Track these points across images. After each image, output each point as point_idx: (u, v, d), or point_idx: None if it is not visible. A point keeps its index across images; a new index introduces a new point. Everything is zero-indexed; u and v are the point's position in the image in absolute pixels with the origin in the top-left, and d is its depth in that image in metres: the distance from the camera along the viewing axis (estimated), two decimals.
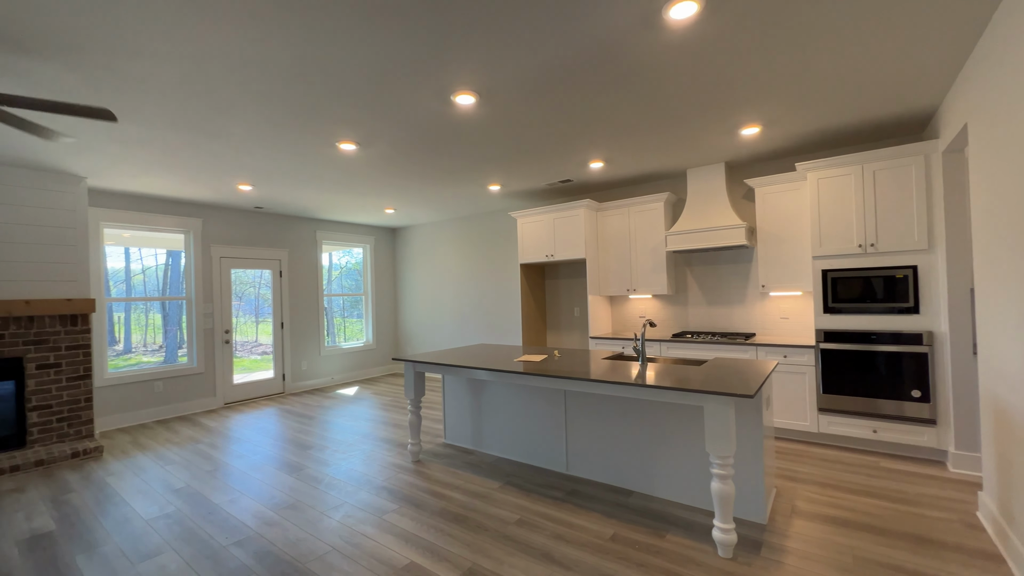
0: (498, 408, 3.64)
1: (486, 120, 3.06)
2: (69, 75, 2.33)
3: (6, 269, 3.81)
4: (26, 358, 3.87)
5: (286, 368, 6.26)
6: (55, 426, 3.99)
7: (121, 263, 6.82)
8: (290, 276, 6.37)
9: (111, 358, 4.99)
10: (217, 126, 3.05)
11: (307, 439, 4.18)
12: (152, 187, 4.58)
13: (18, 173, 3.88)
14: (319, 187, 4.76)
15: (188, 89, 2.52)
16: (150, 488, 3.18)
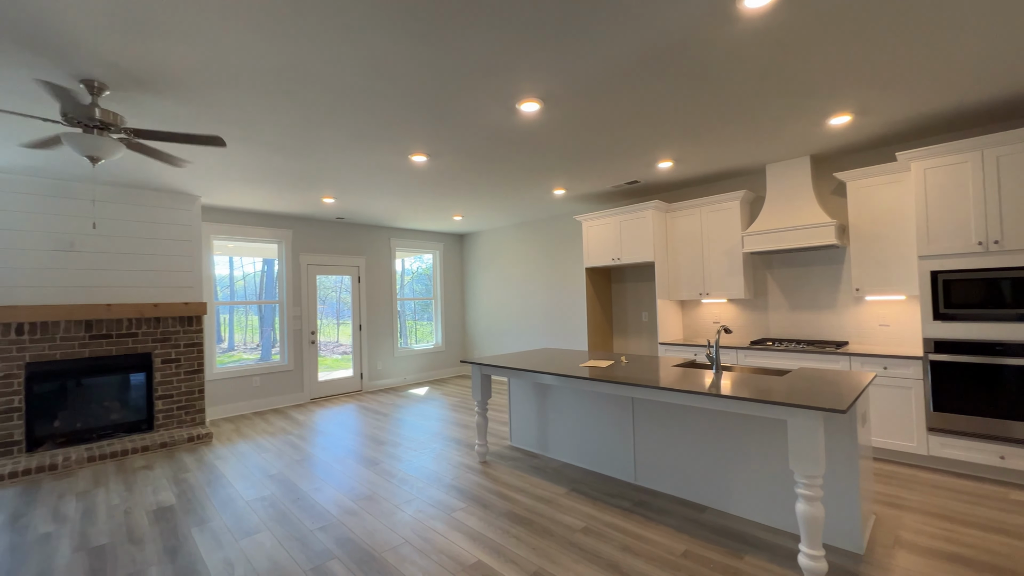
0: (563, 413, 3.62)
1: (550, 125, 3.08)
2: (182, 108, 2.69)
3: (139, 277, 4.45)
4: (154, 353, 4.48)
5: (363, 367, 6.69)
6: (175, 413, 4.58)
7: (226, 270, 7.67)
8: (367, 281, 6.80)
9: (218, 355, 5.63)
10: (305, 145, 3.35)
11: (382, 435, 4.43)
12: (251, 202, 5.13)
13: (147, 195, 4.53)
14: (393, 197, 5.05)
15: (280, 115, 2.80)
16: (249, 472, 3.55)
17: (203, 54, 2.12)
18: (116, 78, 2.30)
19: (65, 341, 4.04)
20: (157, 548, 2.47)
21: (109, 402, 4.37)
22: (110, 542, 2.55)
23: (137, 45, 2.03)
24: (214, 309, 5.44)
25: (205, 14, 1.84)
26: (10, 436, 3.80)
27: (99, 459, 3.88)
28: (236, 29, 1.95)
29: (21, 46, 2.02)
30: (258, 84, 2.41)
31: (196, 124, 2.90)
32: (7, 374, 3.80)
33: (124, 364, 4.36)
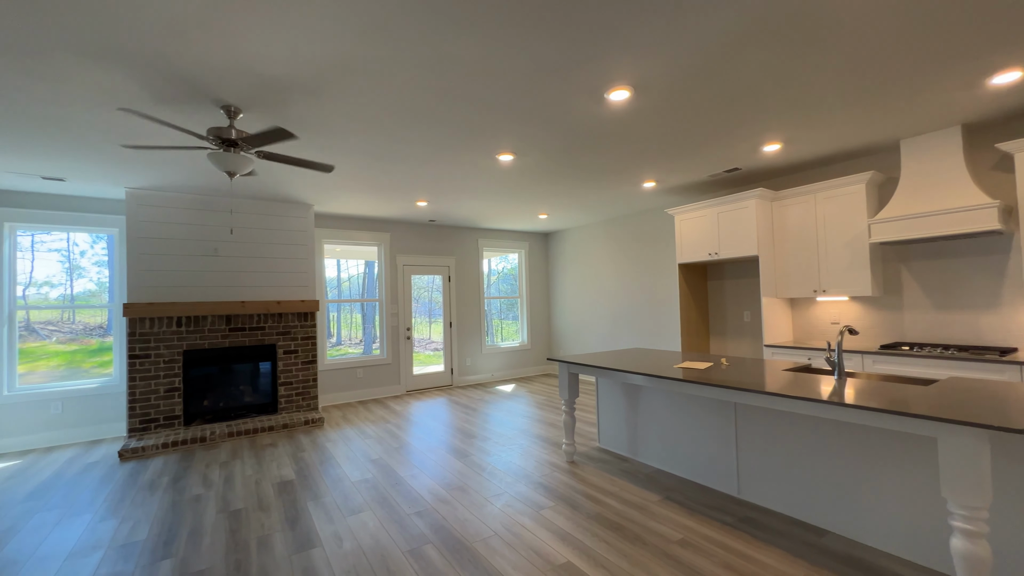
0: (656, 417, 3.44)
1: (641, 114, 2.94)
2: (300, 131, 3.00)
3: (265, 277, 5.08)
4: (277, 345, 5.09)
5: (453, 363, 6.97)
6: (294, 399, 5.15)
7: (334, 272, 8.44)
8: (456, 281, 7.08)
9: (328, 348, 6.23)
10: (400, 151, 3.56)
11: (472, 429, 4.57)
12: (354, 208, 5.59)
13: (271, 205, 5.14)
14: (480, 198, 5.19)
15: (379, 125, 3.00)
16: (355, 456, 3.86)
17: (318, 93, 2.34)
18: (248, 103, 2.63)
19: (211, 333, 4.74)
20: (280, 516, 2.78)
21: (244, 386, 5.05)
22: (244, 507, 2.93)
23: (264, 84, 2.31)
24: (325, 306, 6.02)
25: (321, 67, 2.03)
26: (173, 411, 4.55)
27: (236, 435, 4.50)
28: (341, 52, 2.12)
29: (178, 82, 2.39)
30: (361, 102, 2.61)
31: (309, 138, 3.22)
32: (171, 359, 4.56)
33: (255, 353, 5.00)
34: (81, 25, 1.90)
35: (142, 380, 4.42)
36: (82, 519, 2.83)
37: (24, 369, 4.54)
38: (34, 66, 2.20)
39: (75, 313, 4.88)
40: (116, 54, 2.11)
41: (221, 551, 2.41)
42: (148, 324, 4.46)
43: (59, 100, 2.54)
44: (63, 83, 2.36)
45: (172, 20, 1.88)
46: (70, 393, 4.57)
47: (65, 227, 4.66)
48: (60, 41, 2.01)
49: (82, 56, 2.12)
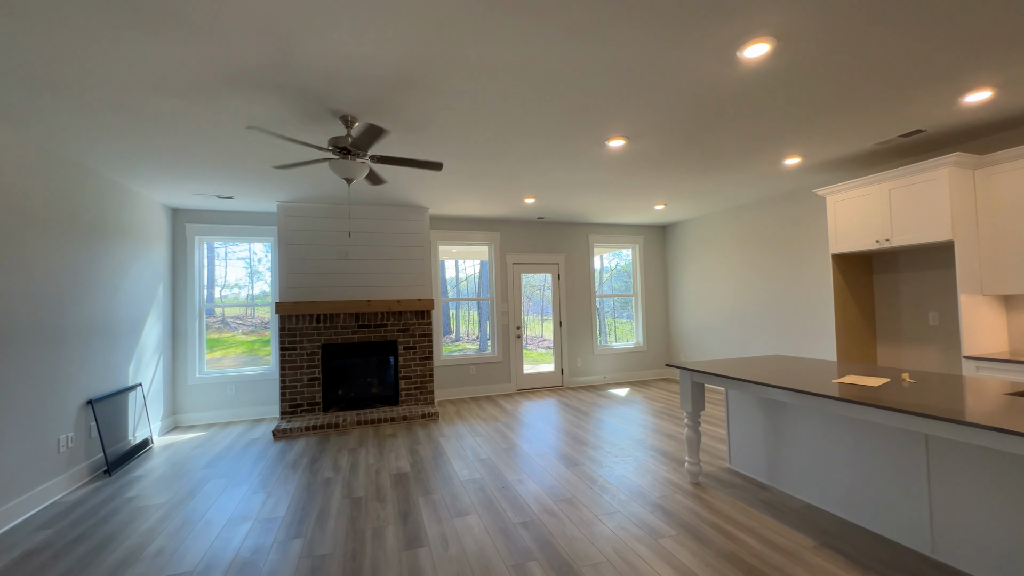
0: (807, 440, 2.83)
1: (785, 71, 2.41)
2: (411, 134, 3.06)
3: (387, 278, 5.45)
4: (398, 341, 5.42)
5: (564, 364, 6.79)
6: (413, 392, 5.44)
7: (453, 272, 8.80)
8: (566, 279, 6.88)
9: (448, 344, 6.51)
10: (507, 147, 3.47)
11: (582, 435, 4.33)
12: (466, 209, 5.72)
13: (391, 210, 5.50)
14: (590, 190, 4.91)
15: (485, 121, 2.93)
16: (465, 454, 3.90)
17: (429, 95, 2.33)
18: (363, 110, 2.75)
19: (344, 329, 5.23)
20: (394, 510, 2.87)
21: (371, 378, 5.48)
22: (364, 495, 3.10)
23: (382, 94, 2.37)
24: (440, 305, 6.28)
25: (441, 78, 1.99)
26: (314, 398, 5.11)
27: (364, 423, 4.88)
28: (454, 56, 2.06)
29: (308, 96, 2.57)
30: (469, 98, 2.55)
31: (419, 142, 3.30)
32: (312, 352, 5.13)
33: (379, 349, 5.40)
34: (222, 57, 2.11)
35: (290, 370, 5.04)
36: (240, 490, 3.26)
37: (220, 354, 5.53)
38: (196, 97, 2.54)
39: (255, 310, 5.80)
40: (251, 81, 2.33)
41: (341, 537, 2.54)
42: (294, 321, 5.07)
43: (218, 129, 2.93)
44: (218, 112, 2.70)
45: (288, 33, 1.99)
46: (241, 378, 5.42)
47: (237, 238, 5.53)
48: (218, 74, 2.27)
49: (224, 85, 2.38)
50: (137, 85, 2.38)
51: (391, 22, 1.91)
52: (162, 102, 2.57)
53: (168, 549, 2.48)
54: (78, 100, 2.53)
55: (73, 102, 2.55)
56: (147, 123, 2.85)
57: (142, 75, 2.28)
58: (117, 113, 2.70)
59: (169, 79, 2.33)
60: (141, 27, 1.90)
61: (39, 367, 3.08)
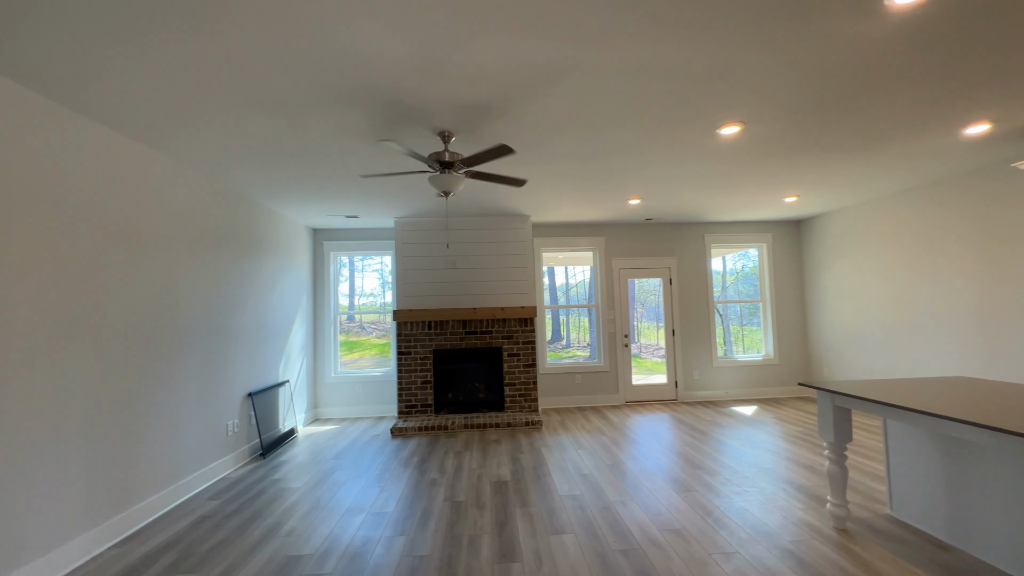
0: (1011, 492, 2.15)
1: (956, 10, 1.88)
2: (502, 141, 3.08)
3: (490, 286, 5.59)
4: (503, 348, 5.52)
5: (678, 375, 6.25)
6: (517, 399, 5.48)
7: (563, 278, 8.72)
8: (679, 283, 6.35)
9: (557, 351, 6.46)
10: (606, 147, 3.30)
11: (697, 457, 3.91)
12: (568, 215, 5.62)
13: (495, 219, 5.63)
14: (702, 186, 4.46)
15: (581, 122, 2.81)
16: (566, 467, 3.77)
17: (522, 104, 2.32)
18: (459, 126, 2.84)
19: (452, 335, 5.49)
20: (491, 518, 2.87)
21: (478, 383, 5.66)
22: (465, 500, 3.16)
23: (477, 118, 2.42)
24: (543, 312, 6.25)
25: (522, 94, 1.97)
26: (426, 400, 5.44)
27: (470, 427, 5.05)
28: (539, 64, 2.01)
29: (404, 117, 2.74)
30: (564, 102, 2.48)
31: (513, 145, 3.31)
32: (424, 356, 5.47)
33: (485, 355, 5.55)
34: (336, 83, 2.34)
35: (406, 372, 5.44)
36: (359, 482, 3.57)
37: (358, 355, 6.26)
38: (304, 121, 2.86)
39: (386, 316, 6.46)
40: (361, 101, 2.55)
41: (440, 541, 2.61)
42: (409, 327, 5.47)
43: (340, 158, 3.28)
44: (326, 131, 3.02)
45: (397, 62, 2.12)
46: (367, 379, 6.00)
47: (365, 252, 6.18)
48: (342, 97, 2.53)
49: (327, 108, 2.64)
50: (278, 129, 2.76)
51: (495, 40, 1.92)
52: (293, 136, 2.95)
53: (298, 531, 2.79)
54: (240, 144, 3.03)
55: (237, 146, 3.06)
56: (285, 158, 3.30)
57: (280, 122, 2.64)
58: (265, 154, 3.17)
59: (297, 116, 2.65)
60: (284, 79, 2.19)
61: (212, 364, 3.75)
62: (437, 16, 1.79)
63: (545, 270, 7.85)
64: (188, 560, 2.48)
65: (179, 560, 2.48)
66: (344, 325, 6.60)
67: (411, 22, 1.82)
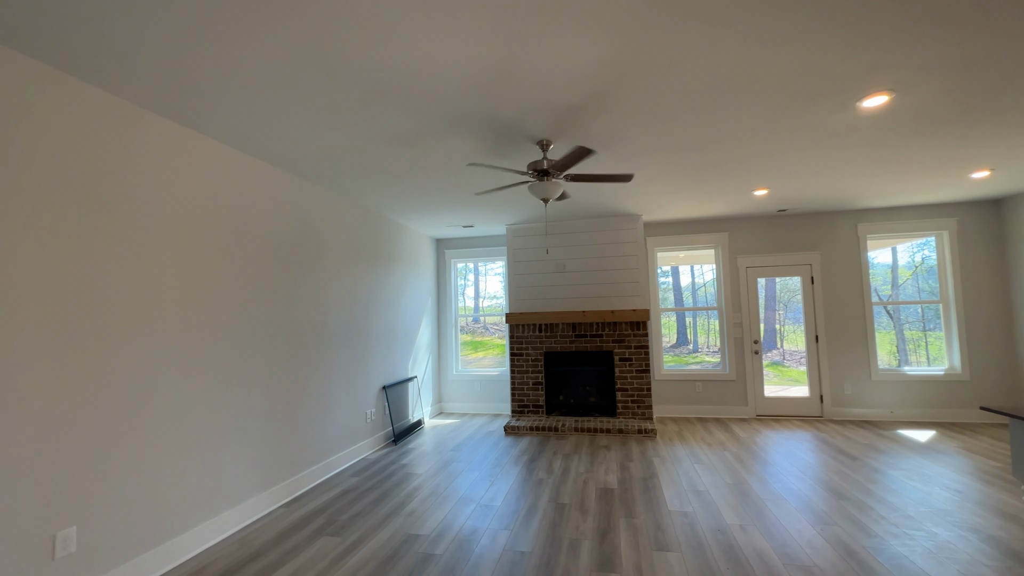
0: None
1: None
2: (601, 146, 3.03)
3: (599, 288, 5.50)
4: (614, 352, 5.39)
5: (823, 388, 5.40)
6: (630, 406, 5.30)
7: (689, 278, 8.18)
8: (824, 282, 5.49)
9: (683, 355, 6.08)
10: (721, 132, 3.05)
11: (844, 487, 3.35)
12: (683, 211, 5.27)
13: (603, 220, 5.53)
14: (848, 171, 3.81)
15: (690, 109, 2.65)
16: (679, 480, 3.54)
17: (621, 98, 2.31)
18: (557, 132, 2.89)
19: (562, 338, 5.54)
20: (594, 525, 2.85)
21: (589, 387, 5.62)
22: (569, 503, 3.18)
23: (572, 121, 2.47)
24: (658, 315, 5.94)
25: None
26: (538, 401, 5.57)
27: (580, 431, 5.03)
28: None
29: (504, 131, 2.89)
30: (670, 90, 2.38)
31: (614, 150, 3.23)
32: (536, 358, 5.61)
33: (595, 359, 5.48)
34: (443, 113, 2.58)
35: (518, 373, 5.64)
36: (472, 474, 3.82)
37: (482, 354, 6.73)
38: (420, 148, 3.17)
39: (504, 318, 6.83)
40: (463, 125, 2.76)
41: (541, 540, 2.68)
42: (521, 329, 5.66)
43: (452, 175, 3.58)
44: (446, 158, 3.30)
45: (481, 75, 2.27)
46: (484, 377, 6.38)
47: (481, 259, 6.59)
48: (441, 123, 2.80)
49: (437, 135, 2.89)
50: (401, 157, 3.14)
51: (591, 40, 1.95)
52: (412, 161, 3.31)
53: (418, 512, 3.11)
54: (373, 172, 3.51)
55: (371, 174, 3.55)
56: (408, 180, 3.71)
57: (403, 151, 3.00)
58: (392, 178, 3.62)
59: (413, 144, 2.98)
60: (393, 111, 2.50)
61: (353, 360, 4.36)
62: (518, 24, 1.86)
63: (668, 270, 7.37)
64: (332, 525, 2.94)
65: (325, 524, 2.96)
66: (470, 326, 7.09)
67: (494, 31, 1.93)
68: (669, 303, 6.62)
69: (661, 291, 6.45)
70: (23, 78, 1.97)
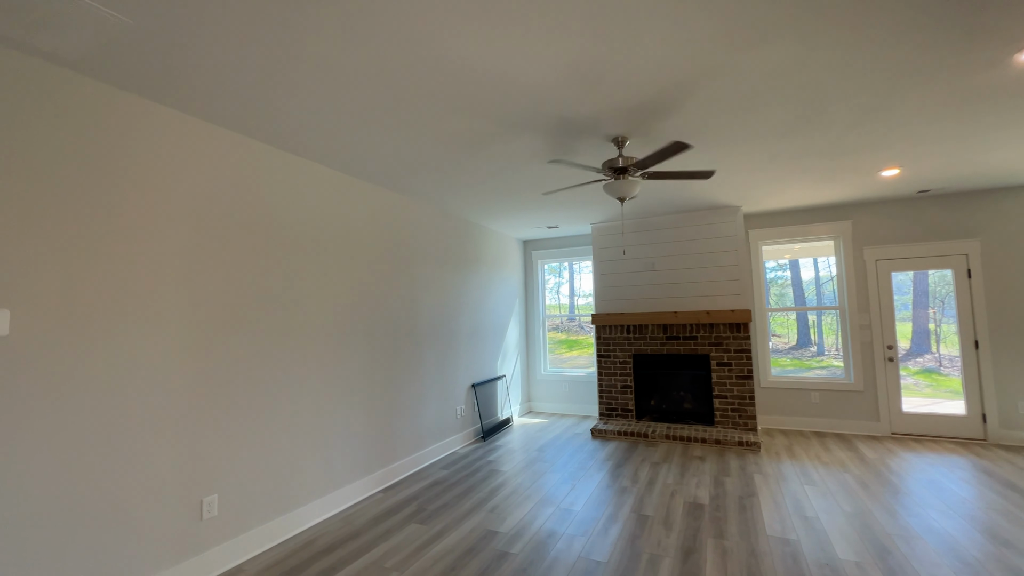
0: None
1: None
2: (686, 136, 2.83)
3: (693, 287, 5.13)
4: (710, 356, 4.99)
5: (986, 406, 4.43)
6: (729, 415, 4.87)
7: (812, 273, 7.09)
8: (986, 275, 4.50)
9: (805, 359, 5.42)
10: (825, 111, 2.68)
11: (1009, 531, 2.72)
12: (792, 199, 4.69)
13: (695, 215, 5.15)
14: (1000, 138, 3.08)
15: (782, 94, 2.38)
16: (782, 502, 3.18)
17: (704, 84, 2.16)
18: (633, 129, 2.78)
19: (652, 340, 5.28)
20: (677, 542, 2.68)
21: (683, 392, 5.28)
22: (652, 516, 3.03)
23: (647, 119, 2.37)
24: (764, 315, 5.36)
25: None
26: (626, 405, 5.38)
27: (672, 439, 4.75)
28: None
29: (577, 131, 2.84)
30: (748, 81, 2.17)
31: (699, 139, 3.00)
32: (624, 360, 5.43)
33: (689, 363, 5.13)
34: (511, 115, 2.63)
35: (606, 375, 5.50)
36: (554, 476, 3.82)
37: (576, 354, 6.70)
38: (493, 151, 3.24)
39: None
40: (532, 126, 2.78)
41: (618, 552, 2.59)
42: (608, 331, 5.52)
43: (527, 175, 3.62)
44: (527, 162, 3.34)
45: (562, 79, 2.27)
46: (572, 378, 6.33)
47: (567, 259, 6.55)
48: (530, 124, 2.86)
49: (505, 136, 2.93)
50: (477, 161, 3.27)
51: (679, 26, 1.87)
52: (489, 164, 3.41)
53: (499, 508, 3.20)
54: (456, 182, 3.70)
55: (452, 180, 3.75)
56: (487, 183, 3.84)
57: (480, 154, 3.12)
58: (473, 183, 3.77)
59: (486, 148, 3.07)
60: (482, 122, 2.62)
61: (443, 358, 4.62)
62: (600, 24, 1.82)
63: (787, 263, 6.44)
64: (421, 514, 3.16)
65: (415, 512, 3.19)
66: (564, 324, 7.06)
67: (572, 33, 1.91)
68: (789, 300, 5.87)
69: (778, 287, 5.80)
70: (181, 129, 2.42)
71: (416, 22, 1.75)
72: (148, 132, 2.31)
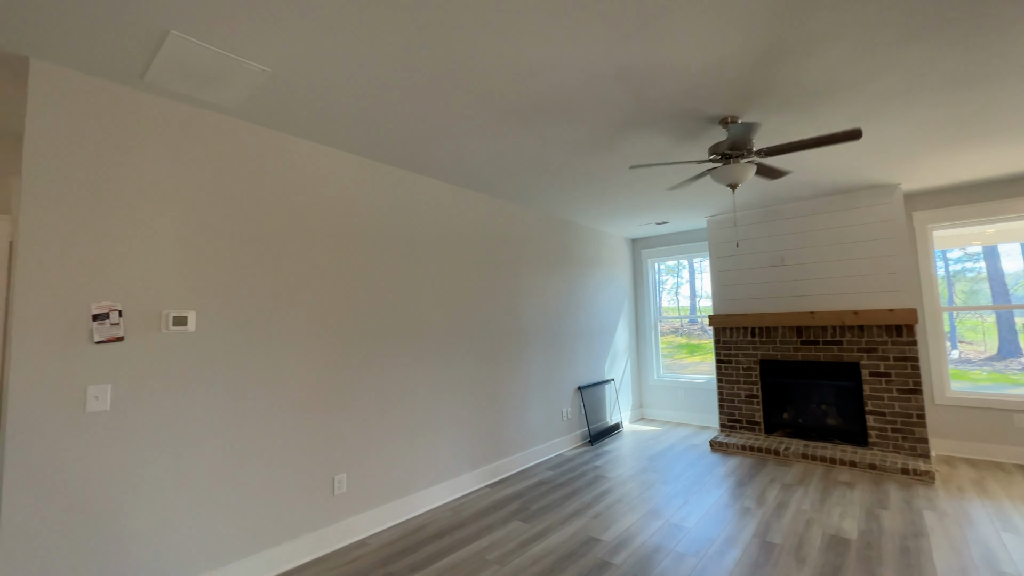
0: None
1: None
2: (797, 116, 2.44)
3: (834, 283, 4.38)
4: (861, 364, 4.21)
5: None
6: (890, 435, 4.04)
7: (1017, 264, 5.57)
8: None
9: (1008, 372, 4.30)
10: (995, 58, 2.10)
11: None
12: (973, 171, 3.75)
13: (835, 199, 4.39)
14: None
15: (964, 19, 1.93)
16: (965, 549, 2.53)
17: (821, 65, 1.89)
18: (742, 105, 2.49)
19: (782, 344, 4.64)
20: None
21: (825, 406, 4.54)
22: (780, 544, 2.65)
23: (763, 81, 2.13)
24: (938, 315, 4.36)
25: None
26: (753, 417, 4.81)
27: (810, 459, 4.11)
28: None
29: (676, 117, 2.65)
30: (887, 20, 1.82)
31: (833, 101, 2.57)
32: (748, 367, 4.86)
33: (832, 371, 4.39)
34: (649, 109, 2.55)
35: (727, 383, 4.99)
36: (665, 488, 3.57)
37: (699, 359, 6.27)
38: (597, 152, 3.15)
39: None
40: (646, 121, 2.66)
41: None
42: (728, 333, 5.00)
43: (628, 172, 3.47)
44: (623, 160, 3.22)
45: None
46: (688, 384, 5.87)
47: (679, 256, 6.12)
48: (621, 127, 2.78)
49: (621, 132, 2.82)
50: (573, 160, 3.24)
51: None
52: (588, 163, 3.35)
53: (603, 516, 3.10)
54: (563, 184, 3.72)
55: (560, 187, 3.77)
56: (590, 183, 3.77)
57: (581, 156, 3.10)
58: (575, 184, 3.75)
59: (590, 150, 3.03)
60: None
61: (549, 360, 4.64)
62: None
63: (978, 251, 4.92)
64: (524, 512, 3.20)
65: (519, 509, 3.24)
66: (686, 328, 6.61)
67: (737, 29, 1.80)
68: (984, 297, 4.53)
69: (967, 281, 4.64)
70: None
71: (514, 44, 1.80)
72: (288, 161, 2.74)
